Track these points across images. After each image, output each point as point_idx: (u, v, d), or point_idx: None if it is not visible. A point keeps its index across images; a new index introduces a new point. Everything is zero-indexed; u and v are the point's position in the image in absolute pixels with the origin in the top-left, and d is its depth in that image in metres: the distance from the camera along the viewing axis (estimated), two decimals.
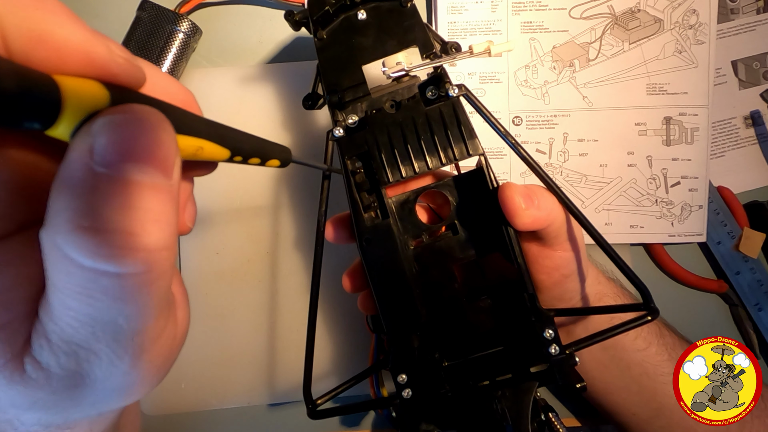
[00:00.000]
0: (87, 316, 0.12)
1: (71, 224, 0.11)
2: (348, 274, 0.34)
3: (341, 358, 0.45)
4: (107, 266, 0.11)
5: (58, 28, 0.12)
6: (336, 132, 0.30)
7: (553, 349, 0.27)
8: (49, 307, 0.12)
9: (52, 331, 0.12)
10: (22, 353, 0.12)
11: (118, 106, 0.12)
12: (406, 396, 0.28)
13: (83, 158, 0.11)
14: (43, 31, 0.11)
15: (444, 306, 0.29)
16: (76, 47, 0.12)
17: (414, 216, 0.30)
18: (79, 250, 0.11)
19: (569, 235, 0.31)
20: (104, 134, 0.11)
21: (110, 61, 0.12)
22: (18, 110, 0.10)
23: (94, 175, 0.11)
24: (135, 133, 0.11)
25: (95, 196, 0.11)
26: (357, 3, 0.31)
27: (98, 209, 0.11)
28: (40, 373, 0.12)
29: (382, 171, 0.29)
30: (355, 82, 0.30)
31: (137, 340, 0.13)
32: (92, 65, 0.12)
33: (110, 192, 0.11)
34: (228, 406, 0.46)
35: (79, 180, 0.11)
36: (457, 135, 0.29)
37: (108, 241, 0.11)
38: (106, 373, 0.13)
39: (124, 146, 0.11)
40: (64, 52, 0.12)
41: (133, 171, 0.11)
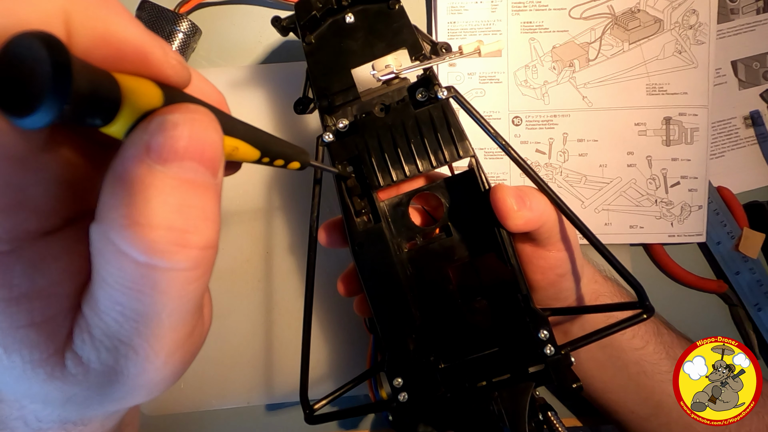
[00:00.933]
0: (133, 311, 0.12)
1: (127, 220, 0.11)
2: (342, 279, 0.34)
3: (339, 360, 0.45)
4: (160, 262, 0.11)
5: (120, 28, 0.12)
6: (326, 137, 0.30)
7: (549, 350, 0.27)
8: (96, 302, 0.12)
9: (96, 326, 0.12)
10: (63, 348, 0.12)
11: (173, 106, 0.12)
12: (403, 399, 0.28)
13: (140, 156, 0.11)
14: (107, 30, 0.12)
15: (439, 308, 0.29)
16: (135, 47, 0.12)
17: (407, 218, 0.30)
18: (134, 245, 0.11)
19: (562, 235, 0.31)
20: (161, 133, 0.11)
21: (164, 62, 0.13)
22: (85, 108, 0.10)
23: (150, 173, 0.11)
24: (190, 133, 0.12)
25: (151, 194, 0.11)
26: (344, 6, 0.31)
27: (154, 206, 0.11)
28: (80, 368, 0.12)
29: (372, 175, 0.29)
30: (345, 85, 0.30)
31: (174, 336, 0.13)
32: (148, 66, 0.12)
33: (165, 190, 0.11)
34: (227, 407, 0.46)
35: (135, 177, 0.11)
36: (447, 137, 0.29)
37: (162, 238, 0.11)
38: (140, 369, 0.13)
39: (179, 145, 0.12)
40: (124, 52, 0.12)
41: (186, 170, 0.12)
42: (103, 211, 0.12)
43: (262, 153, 0.17)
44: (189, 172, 0.12)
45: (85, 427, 0.16)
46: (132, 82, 0.12)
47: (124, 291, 0.12)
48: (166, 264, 0.12)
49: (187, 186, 0.12)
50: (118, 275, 0.12)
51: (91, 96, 0.10)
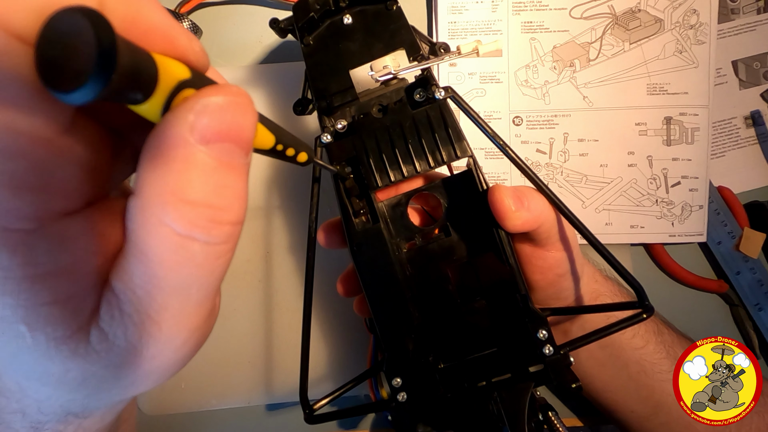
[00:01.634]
0: (168, 283, 0.13)
1: (172, 196, 0.12)
2: (341, 280, 0.34)
3: (340, 360, 0.45)
4: (199, 235, 0.12)
5: (149, 12, 0.12)
6: (324, 138, 0.30)
7: (547, 350, 0.27)
8: (130, 275, 0.13)
9: (128, 300, 0.13)
10: (88, 324, 0.13)
11: (214, 87, 0.13)
12: (402, 399, 0.28)
13: (184, 135, 0.12)
14: (137, 12, 0.12)
15: (438, 308, 0.29)
16: (162, 32, 0.13)
17: (406, 219, 0.30)
18: (177, 219, 0.12)
19: (561, 235, 0.31)
20: (206, 114, 0.12)
21: (188, 48, 0.13)
22: (127, 83, 0.11)
23: (193, 152, 0.12)
24: (233, 116, 0.12)
25: (193, 173, 0.12)
26: (342, 8, 0.31)
27: (195, 185, 0.12)
28: (104, 344, 0.13)
29: (370, 175, 0.29)
30: (343, 86, 0.30)
31: (198, 312, 0.14)
32: (173, 51, 0.13)
33: (206, 170, 0.12)
34: (227, 406, 0.46)
35: (178, 155, 0.12)
36: (444, 138, 0.29)
37: (202, 215, 0.12)
38: (160, 348, 0.14)
39: (222, 127, 0.12)
40: (152, 36, 0.12)
41: (225, 151, 0.12)
42: (146, 187, 0.12)
43: (277, 140, 0.17)
44: (227, 153, 0.12)
45: (85, 420, 0.16)
46: (165, 59, 0.12)
47: (162, 263, 0.12)
48: (203, 237, 0.12)
49: (225, 166, 0.12)
50: (159, 247, 0.12)
51: (132, 71, 0.10)
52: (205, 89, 0.12)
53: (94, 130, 0.13)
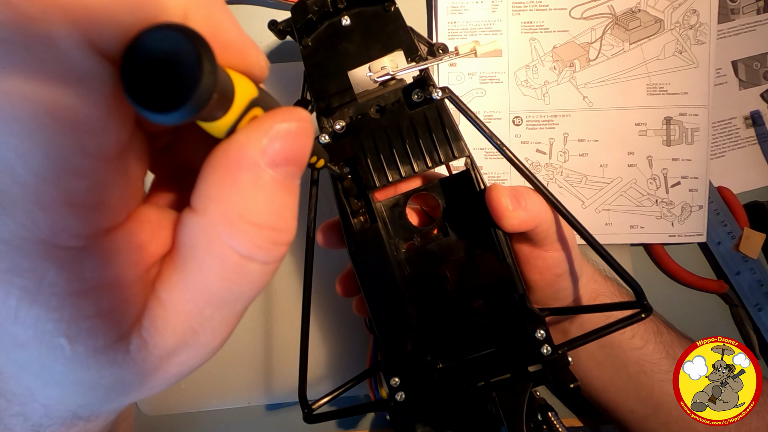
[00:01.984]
0: (220, 299, 0.13)
1: (237, 217, 0.12)
2: (340, 280, 0.34)
3: (339, 360, 0.45)
4: (261, 256, 0.13)
5: (227, 27, 0.13)
6: (322, 139, 0.30)
7: (545, 350, 0.27)
8: (182, 289, 0.13)
9: (176, 312, 0.13)
10: (129, 333, 0.13)
11: (284, 111, 0.13)
12: (400, 399, 0.28)
13: (255, 158, 0.12)
14: (216, 28, 0.12)
15: (437, 308, 0.29)
16: (237, 47, 0.13)
17: (404, 219, 0.30)
18: (240, 240, 0.12)
19: (559, 235, 0.31)
20: (279, 140, 0.12)
21: (257, 63, 0.14)
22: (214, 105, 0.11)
23: (262, 175, 0.12)
24: (300, 141, 0.13)
25: (261, 195, 0.12)
26: (340, 9, 0.31)
27: (262, 207, 0.12)
28: (143, 353, 0.13)
29: (368, 176, 0.29)
30: (342, 87, 0.31)
31: (234, 324, 0.14)
32: (244, 65, 0.13)
33: (273, 192, 0.12)
34: (227, 407, 0.46)
35: (248, 178, 0.12)
36: (441, 138, 0.29)
37: (266, 237, 0.13)
38: (191, 355, 0.14)
39: (292, 152, 0.13)
40: (228, 51, 0.13)
41: (289, 174, 0.13)
42: (211, 206, 0.12)
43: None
44: (290, 176, 0.13)
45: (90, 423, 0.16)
46: (239, 77, 0.12)
47: (219, 281, 0.13)
48: (263, 258, 0.13)
49: (288, 189, 0.13)
50: (219, 266, 0.12)
51: (220, 92, 0.11)
52: (276, 112, 0.13)
53: (142, 142, 0.14)
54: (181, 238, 0.13)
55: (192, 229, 0.13)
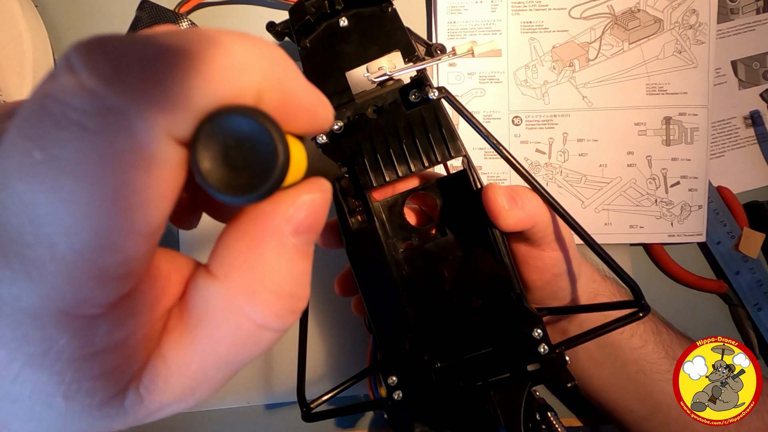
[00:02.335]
0: (226, 362, 0.13)
1: (258, 286, 0.12)
2: (338, 280, 0.34)
3: (339, 360, 0.45)
4: (275, 325, 0.13)
5: (301, 96, 0.13)
6: (319, 139, 0.30)
7: (542, 349, 0.27)
8: (188, 351, 0.12)
9: (179, 373, 0.13)
10: (126, 388, 0.12)
11: (312, 182, 0.13)
12: (397, 398, 0.28)
13: (280, 227, 0.12)
14: (291, 99, 0.12)
15: (435, 307, 0.29)
16: (308, 111, 0.13)
17: (402, 218, 0.30)
18: (260, 309, 0.12)
19: (557, 235, 0.31)
20: (304, 210, 0.13)
21: (324, 118, 0.14)
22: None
23: (285, 243, 0.12)
24: (323, 211, 0.13)
25: (283, 263, 0.12)
26: (338, 10, 0.31)
27: (283, 275, 0.12)
28: (137, 407, 0.12)
29: (365, 176, 0.30)
30: (340, 88, 0.31)
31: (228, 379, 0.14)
32: (313, 123, 0.14)
33: (293, 260, 0.13)
34: (227, 406, 0.46)
35: (272, 246, 0.12)
36: (438, 137, 0.29)
37: (284, 306, 0.12)
38: (181, 407, 0.13)
39: (314, 221, 0.13)
40: (300, 116, 0.13)
41: (310, 242, 0.13)
42: (233, 273, 0.12)
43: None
44: (309, 243, 0.13)
45: None
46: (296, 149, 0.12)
47: (230, 347, 0.12)
48: (279, 326, 0.13)
49: (306, 255, 0.13)
50: (234, 334, 0.12)
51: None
52: (308, 184, 0.13)
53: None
54: (195, 300, 0.13)
55: (209, 294, 0.12)
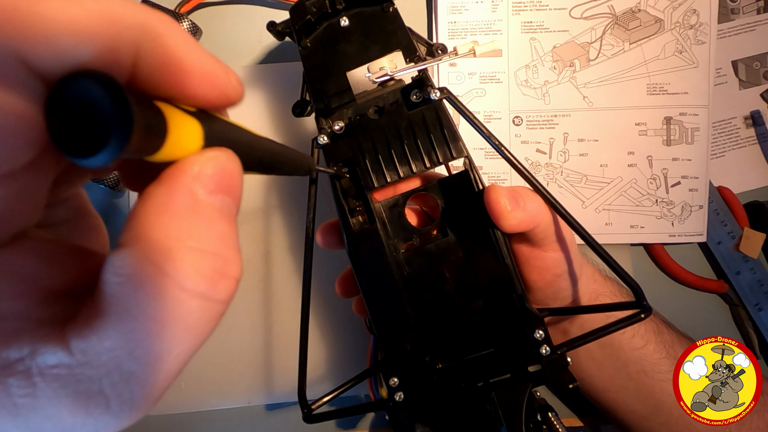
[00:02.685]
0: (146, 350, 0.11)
1: (174, 242, 0.11)
2: (339, 281, 0.34)
3: (340, 360, 0.45)
4: (203, 286, 0.11)
5: (188, 55, 0.12)
6: (320, 140, 0.30)
7: (544, 350, 0.27)
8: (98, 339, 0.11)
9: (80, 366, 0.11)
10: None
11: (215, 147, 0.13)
12: (399, 399, 0.28)
13: (188, 184, 0.12)
14: (172, 58, 0.12)
15: (436, 308, 0.29)
16: (201, 73, 0.13)
17: (403, 219, 0.30)
18: (182, 268, 0.11)
19: (558, 236, 0.31)
20: (210, 166, 0.12)
21: (227, 85, 0.14)
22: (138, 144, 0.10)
23: (198, 200, 0.12)
24: (231, 168, 0.13)
25: (199, 220, 0.12)
26: (339, 10, 0.31)
27: (200, 231, 0.12)
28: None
29: (366, 176, 0.29)
30: (341, 88, 0.31)
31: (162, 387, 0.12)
32: (213, 90, 0.13)
33: (212, 218, 0.12)
34: (227, 406, 0.46)
35: (183, 203, 0.12)
36: (440, 138, 0.29)
37: (209, 263, 0.12)
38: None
39: (225, 179, 0.12)
40: (191, 78, 0.13)
41: (228, 205, 0.13)
42: (144, 235, 0.11)
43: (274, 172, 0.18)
44: (227, 206, 0.13)
45: None
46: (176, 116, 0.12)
47: (147, 323, 0.11)
48: (208, 291, 0.11)
49: (227, 218, 0.12)
50: (151, 303, 0.11)
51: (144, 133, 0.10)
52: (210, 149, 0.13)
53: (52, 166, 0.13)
54: (104, 279, 0.11)
55: (117, 264, 0.11)
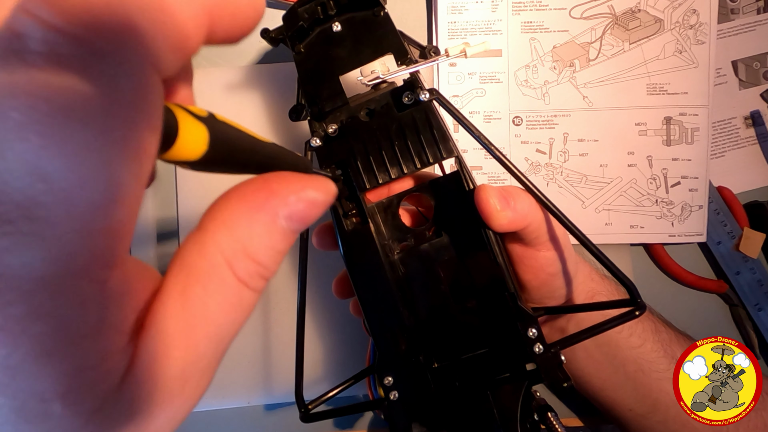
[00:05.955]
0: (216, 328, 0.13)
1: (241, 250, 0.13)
2: (336, 282, 0.35)
3: (338, 360, 0.45)
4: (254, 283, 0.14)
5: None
6: (313, 142, 0.31)
7: (537, 348, 0.27)
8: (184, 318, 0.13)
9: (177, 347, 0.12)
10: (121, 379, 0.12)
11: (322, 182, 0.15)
12: (394, 398, 0.28)
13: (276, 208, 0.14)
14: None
15: (431, 308, 0.29)
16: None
17: (397, 220, 0.31)
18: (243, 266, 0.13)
19: (551, 235, 0.31)
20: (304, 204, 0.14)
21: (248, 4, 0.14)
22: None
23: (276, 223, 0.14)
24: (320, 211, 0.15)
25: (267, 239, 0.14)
26: (331, 16, 0.31)
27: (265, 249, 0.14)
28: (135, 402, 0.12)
29: (358, 178, 0.30)
30: (334, 92, 0.31)
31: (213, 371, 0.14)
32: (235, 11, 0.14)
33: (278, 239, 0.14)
34: (227, 406, 0.46)
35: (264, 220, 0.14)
36: (429, 139, 0.30)
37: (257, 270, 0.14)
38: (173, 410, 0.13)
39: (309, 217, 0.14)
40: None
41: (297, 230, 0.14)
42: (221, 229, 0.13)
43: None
44: (297, 231, 0.14)
45: None
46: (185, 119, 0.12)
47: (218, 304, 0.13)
48: (254, 285, 0.14)
49: (289, 240, 0.14)
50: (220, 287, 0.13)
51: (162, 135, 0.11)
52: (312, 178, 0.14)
53: None
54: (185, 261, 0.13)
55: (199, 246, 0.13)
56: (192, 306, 0.13)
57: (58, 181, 0.09)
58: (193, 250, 0.13)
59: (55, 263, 0.09)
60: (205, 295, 0.13)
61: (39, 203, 0.09)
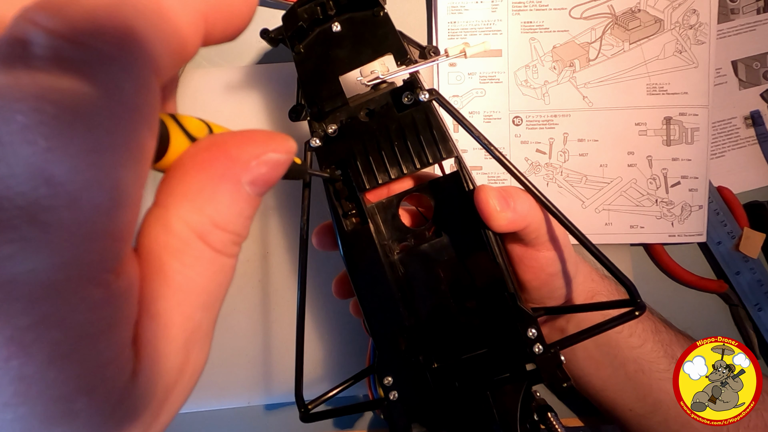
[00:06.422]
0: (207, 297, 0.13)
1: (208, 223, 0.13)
2: (336, 282, 0.35)
3: (338, 360, 0.45)
4: (227, 250, 0.14)
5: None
6: (313, 143, 0.31)
7: (537, 349, 0.27)
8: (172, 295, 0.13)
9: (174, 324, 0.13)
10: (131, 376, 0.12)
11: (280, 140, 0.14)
12: (393, 398, 0.28)
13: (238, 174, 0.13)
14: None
15: (431, 308, 0.29)
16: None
17: (397, 220, 0.31)
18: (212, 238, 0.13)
19: (551, 235, 0.31)
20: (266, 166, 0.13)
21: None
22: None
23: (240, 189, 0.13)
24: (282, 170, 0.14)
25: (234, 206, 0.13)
26: (330, 16, 0.31)
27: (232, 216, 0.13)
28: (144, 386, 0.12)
29: (358, 178, 0.30)
30: (334, 92, 0.31)
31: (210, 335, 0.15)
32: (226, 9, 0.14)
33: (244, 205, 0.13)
34: (227, 406, 0.46)
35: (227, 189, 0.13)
36: (429, 139, 0.30)
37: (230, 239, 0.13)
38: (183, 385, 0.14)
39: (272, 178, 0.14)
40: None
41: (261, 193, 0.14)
42: (186, 205, 0.13)
43: None
44: (261, 194, 0.14)
45: None
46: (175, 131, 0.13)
47: (204, 274, 0.13)
48: (230, 252, 0.14)
49: (256, 203, 0.14)
50: (200, 259, 0.13)
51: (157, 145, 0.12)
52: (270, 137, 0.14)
53: None
54: (153, 241, 0.13)
55: (167, 227, 0.13)
56: (174, 282, 0.13)
57: (63, 185, 0.09)
58: (157, 228, 0.13)
59: (62, 268, 0.09)
60: (184, 269, 0.13)
61: (44, 207, 0.09)
